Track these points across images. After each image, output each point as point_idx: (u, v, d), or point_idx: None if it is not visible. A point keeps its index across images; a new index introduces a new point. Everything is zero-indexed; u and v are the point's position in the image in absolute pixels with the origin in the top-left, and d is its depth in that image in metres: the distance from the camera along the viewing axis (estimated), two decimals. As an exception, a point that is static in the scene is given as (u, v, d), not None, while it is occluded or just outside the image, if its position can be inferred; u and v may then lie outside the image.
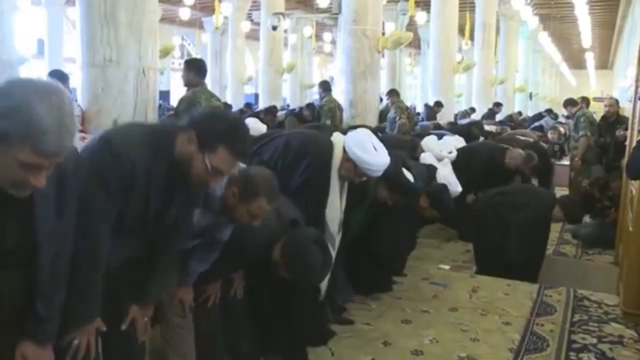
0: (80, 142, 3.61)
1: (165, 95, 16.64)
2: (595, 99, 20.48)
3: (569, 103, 7.89)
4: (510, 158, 6.01)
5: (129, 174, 1.82)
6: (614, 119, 7.62)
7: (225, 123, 1.90)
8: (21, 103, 1.30)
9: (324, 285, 3.21)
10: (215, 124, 1.88)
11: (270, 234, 2.61)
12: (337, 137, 3.21)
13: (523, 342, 3.48)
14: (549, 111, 15.71)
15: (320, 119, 8.48)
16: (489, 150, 6.37)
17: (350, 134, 3.17)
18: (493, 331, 3.64)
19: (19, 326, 1.64)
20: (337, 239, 3.29)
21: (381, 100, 10.24)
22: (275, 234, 2.60)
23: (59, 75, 5.01)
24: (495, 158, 6.05)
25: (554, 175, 8.42)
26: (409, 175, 3.52)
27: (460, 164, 5.46)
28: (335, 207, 3.17)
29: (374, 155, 3.06)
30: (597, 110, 11.13)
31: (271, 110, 11.06)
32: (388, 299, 4.12)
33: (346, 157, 3.10)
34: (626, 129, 6.41)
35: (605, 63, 32.99)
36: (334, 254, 3.16)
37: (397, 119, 8.81)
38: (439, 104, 11.64)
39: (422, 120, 11.29)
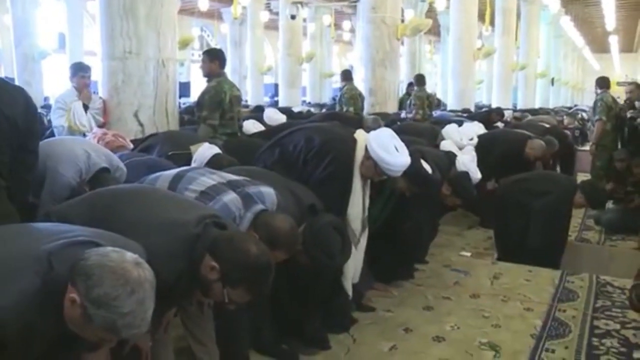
0: (99, 135, 3.66)
1: (185, 86, 16.71)
2: (620, 84, 20.17)
3: (598, 83, 7.64)
4: (531, 148, 5.92)
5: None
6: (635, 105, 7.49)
7: (250, 267, 1.88)
8: (110, 298, 1.41)
9: (349, 283, 3.23)
10: (240, 265, 1.87)
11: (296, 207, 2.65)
12: (359, 135, 3.22)
13: (545, 328, 3.47)
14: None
15: (341, 107, 8.44)
16: (510, 139, 6.30)
17: (373, 133, 3.17)
18: (514, 317, 3.63)
19: None
20: (362, 238, 3.30)
21: (410, 85, 10.19)
22: (294, 219, 2.62)
23: (80, 67, 5.04)
24: (516, 147, 5.99)
25: (575, 161, 8.35)
26: (427, 167, 3.51)
27: (480, 152, 5.42)
28: (357, 205, 3.17)
29: (395, 156, 3.08)
30: (622, 95, 10.96)
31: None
32: (409, 286, 4.12)
33: (367, 156, 3.11)
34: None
35: (630, 46, 32.39)
36: (355, 251, 3.17)
37: (413, 113, 8.72)
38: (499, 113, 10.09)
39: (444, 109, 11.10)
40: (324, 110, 11.81)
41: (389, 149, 3.08)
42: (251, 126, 5.39)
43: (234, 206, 2.39)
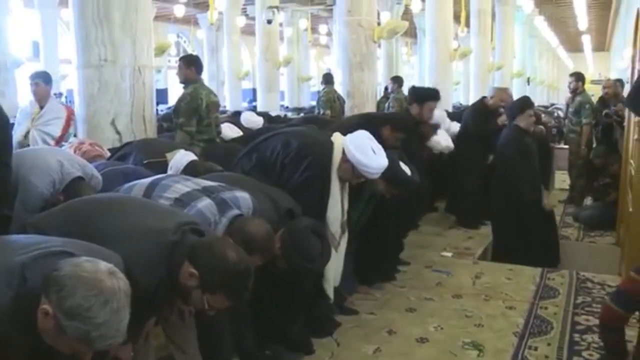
0: (76, 144, 3.60)
1: (163, 93, 16.58)
2: (593, 82, 20.43)
3: (579, 79, 7.64)
4: (490, 97, 6.21)
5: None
6: (611, 101, 7.56)
7: (229, 273, 1.87)
8: (83, 309, 1.39)
9: (330, 287, 3.22)
10: (219, 272, 1.86)
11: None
12: (336, 138, 3.21)
13: (527, 326, 3.50)
14: None
15: (319, 110, 8.46)
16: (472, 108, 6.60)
17: (350, 136, 3.17)
18: (497, 316, 3.65)
19: None
20: (342, 241, 3.29)
21: (386, 89, 10.21)
22: (272, 224, 2.61)
23: (43, 76, 5.04)
24: (478, 105, 6.29)
25: (553, 159, 8.43)
26: (406, 169, 3.52)
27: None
28: (336, 208, 3.17)
29: (373, 158, 3.09)
30: (595, 93, 11.09)
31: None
32: (392, 287, 4.14)
33: (344, 159, 3.11)
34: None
35: (602, 45, 32.84)
36: (336, 254, 3.17)
37: None
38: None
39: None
40: (302, 114, 11.80)
41: (366, 152, 3.08)
42: (229, 131, 5.36)
43: (208, 212, 2.38)
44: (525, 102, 5.30)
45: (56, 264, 1.46)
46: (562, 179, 8.63)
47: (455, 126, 6.28)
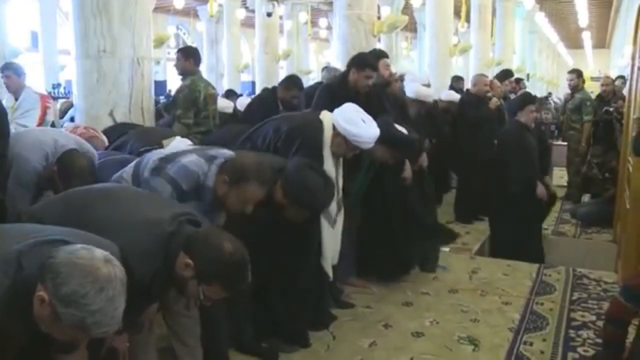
0: (71, 129, 3.58)
1: (162, 85, 16.53)
2: (593, 79, 20.42)
3: (579, 75, 7.65)
4: (474, 85, 6.30)
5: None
6: (610, 98, 7.57)
7: (225, 263, 1.85)
8: (79, 296, 1.39)
9: (329, 265, 3.21)
10: (214, 262, 1.84)
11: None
12: (325, 115, 3.21)
13: (523, 322, 3.51)
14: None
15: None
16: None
17: (338, 110, 3.18)
18: (493, 311, 3.66)
19: None
20: (339, 218, 3.28)
21: None
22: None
23: (14, 68, 5.02)
24: (466, 99, 6.31)
25: (551, 156, 8.43)
26: (402, 130, 3.52)
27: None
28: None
29: (363, 128, 3.10)
30: (595, 90, 11.08)
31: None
32: (388, 282, 4.13)
33: (336, 133, 3.11)
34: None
35: (602, 42, 32.81)
36: (332, 231, 3.18)
37: None
38: None
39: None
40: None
41: (356, 122, 3.09)
42: (223, 103, 5.67)
43: (194, 166, 2.39)
44: (526, 98, 5.32)
45: (52, 251, 1.45)
46: (559, 176, 8.64)
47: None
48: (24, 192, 2.78)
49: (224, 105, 6.03)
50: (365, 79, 3.81)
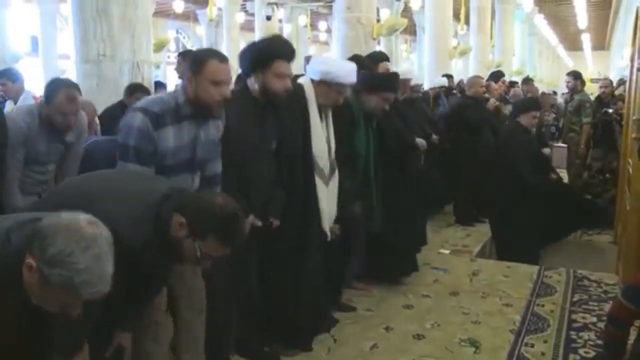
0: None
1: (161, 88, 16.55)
2: (593, 81, 20.43)
3: (577, 77, 7.65)
4: (470, 87, 6.27)
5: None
6: (609, 100, 7.58)
7: (217, 214, 1.84)
8: (63, 254, 1.38)
9: (326, 224, 3.16)
10: (207, 216, 1.84)
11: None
12: (302, 78, 3.21)
13: (524, 323, 3.51)
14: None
15: None
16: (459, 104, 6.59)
17: (308, 66, 3.20)
18: (494, 313, 3.66)
19: None
20: (333, 180, 3.22)
21: None
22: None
23: (8, 75, 4.98)
24: (463, 102, 6.28)
25: (551, 158, 8.43)
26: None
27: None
28: (320, 144, 3.10)
29: (337, 63, 3.14)
30: (594, 92, 11.09)
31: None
32: (389, 284, 4.13)
33: (316, 83, 3.09)
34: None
35: (602, 44, 32.84)
36: (327, 190, 3.15)
37: None
38: None
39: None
40: None
41: (328, 62, 3.15)
42: None
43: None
44: (532, 104, 5.31)
45: (38, 221, 1.46)
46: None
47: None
48: (13, 153, 2.81)
49: None
50: (383, 102, 3.63)
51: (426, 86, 8.86)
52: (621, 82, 7.83)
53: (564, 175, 8.16)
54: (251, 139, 2.72)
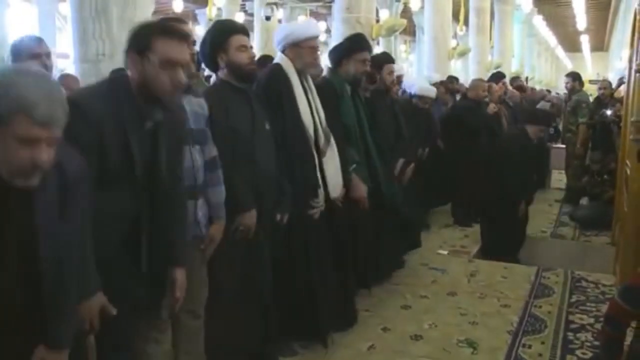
0: None
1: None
2: (591, 82, 20.45)
3: (576, 78, 7.65)
4: (472, 89, 6.29)
5: (97, 125, 1.80)
6: (607, 101, 7.58)
7: (145, 23, 1.89)
8: (7, 82, 1.39)
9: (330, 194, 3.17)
10: (137, 30, 1.87)
11: None
12: (276, 58, 3.22)
13: (521, 324, 3.52)
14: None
15: None
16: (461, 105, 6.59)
17: (274, 36, 3.24)
18: (491, 314, 3.67)
19: (20, 328, 1.59)
20: (329, 150, 3.18)
21: None
22: None
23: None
24: (465, 104, 6.28)
25: (550, 158, 8.45)
26: None
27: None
28: (307, 115, 3.08)
29: (301, 21, 3.21)
30: (593, 93, 11.11)
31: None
32: (387, 285, 4.14)
33: (287, 50, 3.10)
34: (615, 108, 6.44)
35: (601, 45, 32.87)
36: (325, 162, 3.13)
37: None
38: None
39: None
40: None
41: (287, 25, 3.25)
42: None
43: None
44: (544, 119, 5.30)
45: None
46: (558, 179, 8.65)
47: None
48: None
49: None
50: (361, 64, 3.62)
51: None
52: (621, 82, 7.83)
53: (563, 176, 8.19)
54: (244, 124, 2.69)
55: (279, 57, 3.15)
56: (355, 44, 3.62)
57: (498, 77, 7.51)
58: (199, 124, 2.41)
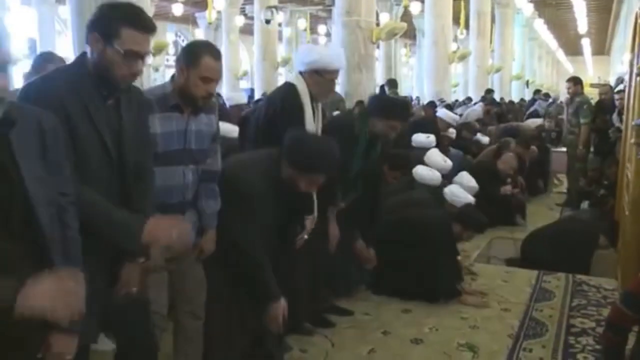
0: None
1: (161, 92, 16.58)
2: (593, 86, 20.45)
3: (576, 82, 7.59)
4: (504, 163, 6.22)
5: (61, 105, 1.77)
6: (609, 105, 7.57)
7: (115, 7, 1.85)
8: None
9: None
10: (106, 12, 1.83)
11: (260, 162, 2.63)
12: (290, 76, 3.21)
13: (522, 328, 3.49)
14: (537, 91, 15.58)
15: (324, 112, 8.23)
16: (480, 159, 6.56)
17: (295, 58, 3.19)
18: (492, 318, 3.64)
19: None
20: None
21: (383, 90, 10.11)
22: (266, 162, 2.61)
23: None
24: (487, 165, 6.24)
25: (551, 162, 8.44)
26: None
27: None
28: (310, 125, 3.06)
29: (324, 50, 3.09)
30: (594, 97, 11.10)
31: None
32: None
33: (307, 74, 3.06)
34: (620, 114, 6.43)
35: (602, 49, 32.91)
36: None
37: None
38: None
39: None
40: None
41: (315, 50, 3.08)
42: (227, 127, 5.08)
43: None
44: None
45: None
46: (555, 182, 8.65)
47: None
48: None
49: (228, 129, 4.90)
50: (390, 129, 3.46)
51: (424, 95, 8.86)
52: (619, 80, 7.84)
53: (563, 179, 8.17)
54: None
55: (295, 78, 3.11)
56: (396, 111, 3.44)
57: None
58: (201, 144, 2.41)
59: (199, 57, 2.26)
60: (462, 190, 4.34)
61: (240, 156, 2.84)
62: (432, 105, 9.46)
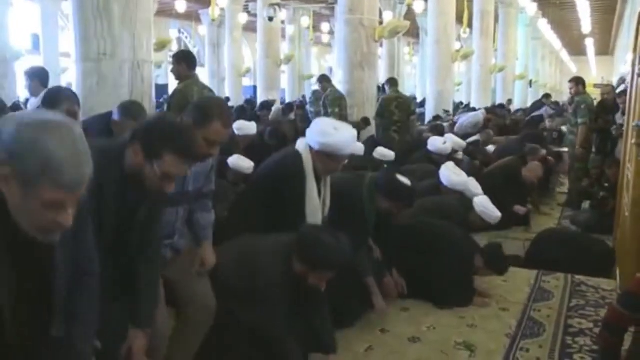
0: None
1: (164, 88, 16.61)
2: (596, 86, 20.42)
3: (579, 82, 7.57)
4: (529, 171, 6.10)
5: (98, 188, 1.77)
6: (611, 105, 7.56)
7: (167, 129, 1.87)
8: (31, 142, 1.28)
9: None
10: (156, 132, 1.86)
11: (277, 247, 2.71)
12: (300, 143, 3.17)
13: (520, 328, 3.50)
14: (547, 96, 15.51)
15: (326, 109, 8.23)
16: (504, 164, 6.43)
17: (308, 131, 3.14)
18: (490, 317, 3.65)
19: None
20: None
21: (383, 89, 10.10)
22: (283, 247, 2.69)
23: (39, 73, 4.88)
24: (512, 172, 6.12)
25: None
26: (405, 180, 3.47)
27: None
28: (313, 202, 3.10)
29: (335, 135, 3.02)
30: (597, 97, 11.08)
31: (265, 105, 11.14)
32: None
33: (315, 152, 3.06)
34: (623, 113, 6.41)
35: (605, 49, 32.84)
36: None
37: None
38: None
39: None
40: (294, 111, 11.43)
41: (327, 132, 3.03)
42: (242, 163, 4.87)
43: None
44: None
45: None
46: (560, 182, 8.63)
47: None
48: None
49: (242, 165, 4.81)
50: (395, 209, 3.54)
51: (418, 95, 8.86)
52: (621, 80, 7.83)
53: (565, 180, 8.16)
54: None
55: (304, 149, 3.10)
56: (402, 196, 3.46)
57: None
58: (197, 183, 2.49)
59: (209, 120, 2.27)
60: (491, 204, 4.33)
61: (257, 242, 2.81)
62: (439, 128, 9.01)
